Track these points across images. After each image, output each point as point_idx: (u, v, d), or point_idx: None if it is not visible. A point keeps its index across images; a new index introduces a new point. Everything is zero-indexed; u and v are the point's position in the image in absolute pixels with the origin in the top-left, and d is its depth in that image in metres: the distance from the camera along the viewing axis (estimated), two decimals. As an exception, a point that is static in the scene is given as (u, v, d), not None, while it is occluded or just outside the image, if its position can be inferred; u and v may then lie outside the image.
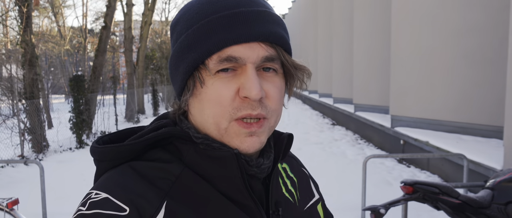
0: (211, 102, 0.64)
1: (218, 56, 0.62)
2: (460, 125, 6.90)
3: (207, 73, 0.63)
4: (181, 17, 0.68)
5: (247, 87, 0.62)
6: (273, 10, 0.68)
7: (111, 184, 0.62)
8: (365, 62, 10.98)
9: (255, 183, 0.70)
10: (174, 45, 0.68)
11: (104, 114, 13.24)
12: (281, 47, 0.67)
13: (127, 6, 16.01)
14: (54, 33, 28.57)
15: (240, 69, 0.64)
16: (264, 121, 0.66)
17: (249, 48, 0.62)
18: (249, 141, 0.65)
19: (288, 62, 0.68)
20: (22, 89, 9.50)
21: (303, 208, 0.81)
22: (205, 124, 0.66)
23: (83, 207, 0.59)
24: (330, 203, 5.25)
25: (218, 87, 0.63)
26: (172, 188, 0.63)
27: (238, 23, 0.62)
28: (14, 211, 3.25)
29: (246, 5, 0.64)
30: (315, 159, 7.66)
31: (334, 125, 13.36)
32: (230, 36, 0.61)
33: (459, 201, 2.64)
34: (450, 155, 4.48)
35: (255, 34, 0.62)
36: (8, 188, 6.11)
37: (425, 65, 7.45)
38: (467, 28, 6.65)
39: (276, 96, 0.67)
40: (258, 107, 0.64)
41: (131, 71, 16.39)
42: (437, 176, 6.39)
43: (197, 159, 0.66)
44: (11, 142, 8.55)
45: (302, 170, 0.90)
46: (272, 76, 0.67)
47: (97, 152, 0.67)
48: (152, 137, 0.66)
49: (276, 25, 0.66)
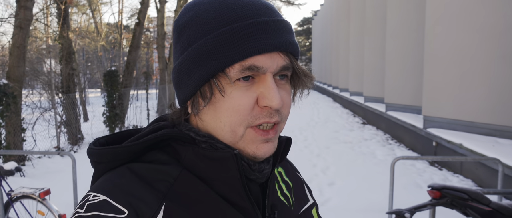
0: (230, 110, 0.64)
1: (240, 65, 0.62)
2: (497, 127, 6.60)
3: (226, 81, 0.63)
4: (191, 19, 0.66)
5: (268, 98, 0.63)
6: (285, 19, 0.69)
7: (109, 186, 0.62)
8: (397, 61, 10.71)
9: (252, 186, 0.71)
10: (185, 49, 0.66)
11: (137, 108, 13.60)
12: (293, 55, 0.68)
13: (160, 3, 16.30)
14: (92, 29, 29.53)
15: (258, 78, 0.64)
16: (277, 126, 0.68)
17: (270, 57, 0.63)
18: (266, 147, 0.67)
19: (299, 70, 0.69)
20: (59, 84, 9.89)
21: (298, 212, 0.82)
22: (220, 131, 0.66)
23: (81, 209, 0.59)
24: (356, 204, 5.18)
25: (238, 96, 0.63)
26: (171, 190, 0.64)
27: (261, 33, 0.63)
28: (46, 201, 3.40)
29: (267, 14, 0.65)
30: (344, 158, 7.56)
31: (364, 124, 13.12)
32: (254, 46, 0.62)
33: (490, 209, 2.52)
34: (484, 159, 4.29)
35: (276, 44, 0.63)
36: (44, 178, 6.39)
37: (460, 64, 7.17)
38: (504, 27, 6.35)
39: (289, 103, 0.69)
40: (276, 115, 0.65)
41: (163, 67, 16.70)
42: (471, 181, 6.16)
43: (195, 161, 0.67)
44: (48, 134, 8.93)
45: (297, 174, 0.92)
46: (285, 84, 0.68)
47: (94, 154, 0.68)
48: (150, 139, 0.66)
49: (291, 34, 0.68)
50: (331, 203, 4.99)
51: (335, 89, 23.93)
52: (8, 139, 6.99)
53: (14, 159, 6.90)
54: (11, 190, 3.74)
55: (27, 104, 8.79)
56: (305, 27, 56.08)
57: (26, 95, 9.03)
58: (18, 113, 7.29)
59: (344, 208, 4.80)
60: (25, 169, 6.74)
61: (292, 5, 35.07)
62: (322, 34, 32.64)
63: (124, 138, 0.72)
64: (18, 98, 7.30)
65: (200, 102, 0.66)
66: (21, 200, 3.75)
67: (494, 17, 6.55)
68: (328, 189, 5.59)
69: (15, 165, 3.68)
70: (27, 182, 5.58)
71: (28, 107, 8.80)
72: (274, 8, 0.69)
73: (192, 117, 0.71)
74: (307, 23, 55.83)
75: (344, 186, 5.74)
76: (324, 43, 31.40)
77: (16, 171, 3.64)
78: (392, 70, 10.97)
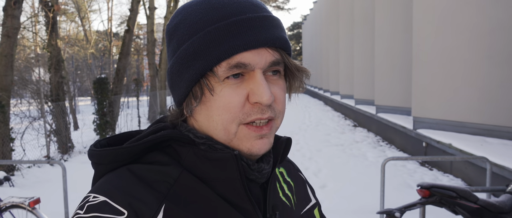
0: (221, 109, 0.64)
1: (227, 63, 0.62)
2: (485, 127, 6.69)
3: (215, 80, 0.64)
4: (180, 23, 0.67)
5: (258, 93, 0.63)
6: (273, 15, 0.69)
7: (109, 187, 0.62)
8: (386, 63, 10.81)
9: (253, 186, 0.70)
10: (175, 52, 0.67)
11: (128, 115, 13.52)
12: (284, 51, 0.68)
13: (150, 10, 16.29)
14: (81, 37, 29.35)
15: (248, 75, 0.64)
16: (272, 122, 0.67)
17: (257, 54, 0.63)
18: (260, 143, 0.66)
19: (291, 64, 0.69)
20: (49, 92, 9.81)
21: (299, 212, 0.81)
22: (213, 130, 0.66)
23: (81, 211, 0.59)
24: (348, 206, 5.19)
25: (228, 94, 0.63)
26: (171, 190, 0.63)
27: (246, 29, 0.63)
28: (36, 210, 3.36)
29: (252, 11, 0.65)
30: (335, 161, 7.59)
31: (355, 126, 13.19)
32: (239, 43, 0.62)
33: (478, 206, 2.56)
34: (472, 157, 4.35)
35: (263, 40, 0.63)
36: (33, 187, 6.31)
37: (448, 65, 7.27)
38: (491, 27, 6.46)
39: (282, 98, 0.68)
40: (268, 111, 0.65)
41: (154, 73, 16.65)
42: (460, 180, 6.22)
43: (195, 161, 0.67)
44: (37, 143, 8.83)
45: (299, 174, 0.91)
46: (277, 79, 0.68)
47: (95, 155, 0.68)
48: (150, 140, 0.66)
49: (280, 29, 0.67)
50: (323, 206, 5.00)
51: (326, 92, 24.03)
52: (-3, 149, 6.91)
53: (3, 169, 6.81)
54: (0, 200, 3.69)
55: (15, 113, 8.69)
56: (295, 31, 56.32)
57: (15, 105, 8.93)
58: (7, 123, 7.20)
59: (336, 210, 4.82)
60: (14, 178, 6.66)
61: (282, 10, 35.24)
62: (312, 38, 32.81)
63: (125, 139, 0.72)
64: (6, 107, 7.22)
65: (192, 103, 0.67)
66: (10, 210, 3.70)
67: (480, 18, 6.66)
68: (320, 192, 5.61)
69: (4, 175, 3.64)
70: (16, 192, 5.51)
71: (16, 117, 8.70)
72: (261, 4, 0.68)
73: (188, 118, 0.72)
74: (297, 27, 56.09)
75: (336, 188, 5.76)
76: (314, 47, 31.56)
77: (4, 181, 3.60)
78: (381, 73, 11.07)
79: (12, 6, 7.29)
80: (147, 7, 16.70)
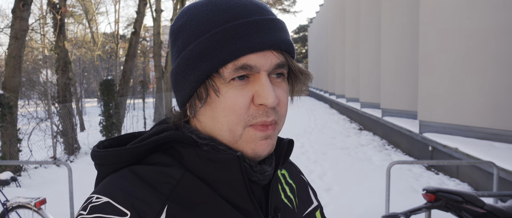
0: (226, 110, 0.64)
1: (233, 64, 0.63)
2: (492, 131, 6.63)
3: (221, 82, 0.64)
4: (186, 23, 0.67)
5: (263, 96, 0.63)
6: (278, 17, 0.69)
7: (112, 188, 0.62)
8: (392, 66, 10.77)
9: (255, 188, 0.70)
10: (181, 52, 0.67)
11: (133, 117, 13.58)
12: (288, 53, 0.68)
13: (156, 12, 16.36)
14: (88, 39, 29.55)
15: (253, 77, 0.65)
16: (275, 125, 0.67)
17: (263, 56, 0.64)
18: (264, 144, 0.66)
19: (295, 67, 0.69)
20: (56, 94, 9.88)
21: (301, 214, 0.81)
22: (218, 131, 0.66)
23: (84, 211, 0.59)
24: (353, 209, 5.18)
25: (233, 95, 0.64)
26: (173, 192, 0.64)
27: (252, 32, 0.63)
28: (42, 211, 3.39)
29: (258, 13, 0.65)
30: (340, 164, 7.56)
31: (361, 129, 13.14)
32: (246, 45, 0.62)
33: (484, 211, 2.53)
34: (479, 162, 4.32)
35: (269, 42, 0.64)
36: (40, 188, 6.36)
37: (454, 69, 7.23)
38: (498, 31, 6.41)
39: (285, 101, 0.69)
40: (272, 114, 0.65)
41: (160, 75, 16.71)
42: (467, 184, 6.17)
43: (198, 163, 0.67)
44: (44, 144, 8.89)
45: (301, 177, 0.91)
46: (281, 82, 0.68)
47: (98, 156, 0.68)
48: (153, 141, 0.66)
49: (285, 32, 0.68)
50: (328, 209, 4.98)
51: (332, 95, 23.98)
52: (4, 150, 6.96)
53: (10, 169, 6.86)
54: (7, 200, 3.72)
55: (23, 114, 8.76)
56: (301, 34, 56.29)
57: (22, 106, 9.00)
58: (14, 123, 7.26)
59: (341, 213, 4.80)
60: (21, 179, 6.71)
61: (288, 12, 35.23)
62: (318, 41, 32.78)
63: (128, 140, 0.73)
64: (14, 108, 7.28)
65: (197, 104, 0.67)
66: (16, 210, 3.73)
67: (486, 22, 6.62)
68: (325, 195, 5.59)
69: (11, 175, 3.67)
70: (23, 192, 5.55)
71: (24, 118, 8.78)
72: (267, 7, 0.69)
73: (191, 119, 0.72)
74: (303, 30, 56.05)
75: (341, 192, 5.74)
76: (320, 50, 31.52)
77: (11, 181, 3.63)
78: (387, 76, 11.03)
79: (20, 8, 7.37)
80: (153, 10, 16.79)
